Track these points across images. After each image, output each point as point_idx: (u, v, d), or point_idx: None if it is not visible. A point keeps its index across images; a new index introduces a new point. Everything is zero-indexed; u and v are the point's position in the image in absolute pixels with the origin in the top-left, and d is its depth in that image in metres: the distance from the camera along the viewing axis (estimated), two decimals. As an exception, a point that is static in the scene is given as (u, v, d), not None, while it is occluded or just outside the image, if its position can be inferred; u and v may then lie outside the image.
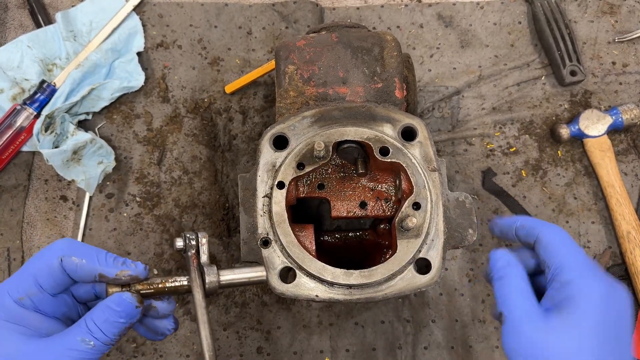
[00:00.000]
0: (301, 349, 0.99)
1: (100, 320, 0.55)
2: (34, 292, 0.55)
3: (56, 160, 0.98)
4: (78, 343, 0.53)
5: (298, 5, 1.12)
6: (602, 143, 1.05)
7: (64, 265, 0.56)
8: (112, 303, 0.56)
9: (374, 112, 0.78)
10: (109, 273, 0.57)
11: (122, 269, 0.58)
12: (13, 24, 1.12)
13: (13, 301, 0.54)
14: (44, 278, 0.55)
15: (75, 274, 0.57)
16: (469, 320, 1.01)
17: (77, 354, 0.53)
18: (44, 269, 0.56)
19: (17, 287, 0.55)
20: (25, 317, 0.54)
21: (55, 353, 0.53)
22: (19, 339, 0.53)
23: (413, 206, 0.74)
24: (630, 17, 1.14)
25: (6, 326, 0.53)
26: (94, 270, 0.57)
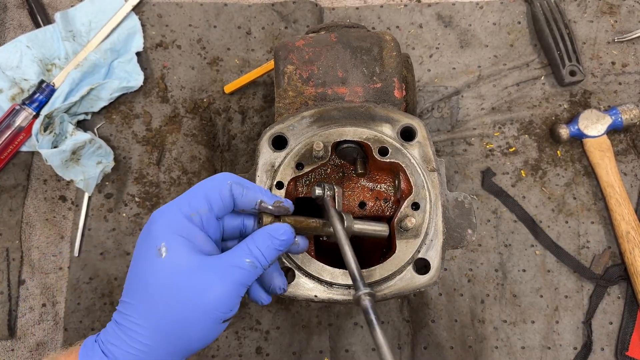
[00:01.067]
0: (300, 349, 0.99)
1: (264, 245, 0.59)
2: (204, 211, 0.58)
3: (55, 160, 0.98)
4: (243, 262, 0.57)
5: (297, 5, 1.12)
6: (601, 143, 1.05)
7: (233, 189, 0.60)
8: (275, 231, 0.60)
9: (373, 112, 0.77)
10: (268, 201, 0.61)
11: (277, 199, 0.62)
12: (12, 24, 1.12)
13: (184, 217, 0.57)
14: (215, 199, 0.59)
15: (240, 199, 0.60)
16: (468, 321, 1.00)
17: (240, 272, 0.56)
18: (215, 191, 0.59)
19: (189, 205, 0.58)
20: (193, 233, 0.57)
21: (222, 269, 0.56)
22: (187, 252, 0.55)
23: (412, 206, 0.73)
24: (630, 17, 1.14)
25: (177, 239, 0.55)
26: (255, 197, 0.61)
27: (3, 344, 0.98)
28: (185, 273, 0.55)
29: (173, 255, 0.55)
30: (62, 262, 1.02)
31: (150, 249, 0.55)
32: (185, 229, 0.57)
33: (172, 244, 0.55)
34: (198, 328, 0.55)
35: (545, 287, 1.02)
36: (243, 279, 0.56)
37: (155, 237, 0.56)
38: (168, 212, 0.58)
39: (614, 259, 1.03)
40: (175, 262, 0.55)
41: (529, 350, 0.99)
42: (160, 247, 0.55)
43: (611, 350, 1.00)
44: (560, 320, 1.01)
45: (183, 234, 0.56)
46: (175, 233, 0.56)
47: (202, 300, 0.54)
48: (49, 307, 1.00)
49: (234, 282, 0.56)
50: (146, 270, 0.55)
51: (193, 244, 0.56)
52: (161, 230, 0.56)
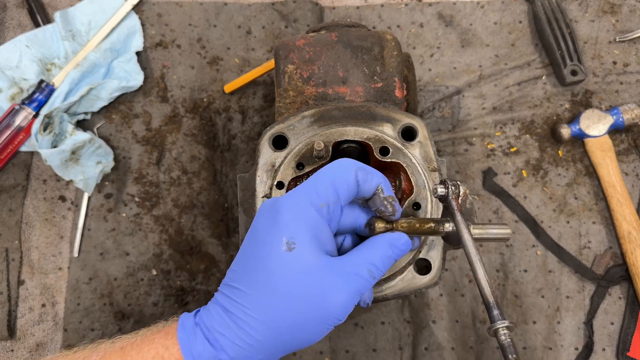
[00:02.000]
0: (300, 350, 0.98)
1: (384, 255, 0.56)
2: (332, 201, 0.55)
3: (55, 160, 0.98)
4: (364, 271, 0.54)
5: (298, 4, 1.11)
6: (603, 143, 1.05)
7: (358, 175, 0.56)
8: (396, 241, 0.57)
9: (373, 112, 0.77)
10: (386, 190, 0.58)
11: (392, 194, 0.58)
12: (12, 24, 1.11)
13: (314, 208, 0.54)
14: (342, 187, 0.55)
15: (364, 185, 0.56)
16: (469, 321, 1.00)
17: (361, 281, 0.54)
18: (342, 178, 0.55)
19: (318, 194, 0.54)
20: (320, 228, 0.54)
21: (345, 274, 0.53)
22: (315, 250, 0.53)
23: (413, 206, 0.73)
24: (631, 16, 1.14)
25: (306, 233, 0.53)
26: (378, 182, 0.57)
27: (3, 345, 0.98)
28: (311, 274, 0.52)
29: (302, 252, 0.52)
30: (62, 263, 1.01)
31: (277, 240, 0.52)
32: (314, 223, 0.53)
33: (302, 239, 0.52)
34: (312, 330, 0.53)
35: (546, 288, 1.02)
36: (362, 288, 0.54)
37: (284, 228, 0.53)
38: (298, 201, 0.54)
39: (615, 260, 1.03)
40: (303, 260, 0.52)
41: (530, 350, 0.99)
42: (289, 239, 0.52)
43: (612, 350, 0.99)
44: (562, 320, 1.00)
45: (312, 228, 0.53)
46: (305, 227, 0.53)
47: (325, 304, 0.52)
48: (48, 308, 1.00)
49: (355, 290, 0.53)
50: (271, 262, 0.52)
51: (320, 242, 0.54)
52: (291, 221, 0.53)
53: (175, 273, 1.01)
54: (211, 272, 1.01)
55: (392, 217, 0.58)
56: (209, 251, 1.02)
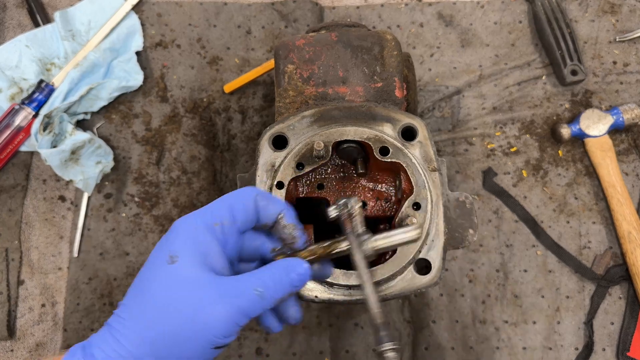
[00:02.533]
0: (300, 350, 0.98)
1: (278, 278, 0.55)
2: (227, 222, 0.56)
3: (54, 160, 0.98)
4: (251, 291, 0.53)
5: (297, 4, 1.11)
6: (603, 143, 1.05)
7: (257, 201, 0.57)
8: (292, 267, 0.56)
9: (373, 112, 0.77)
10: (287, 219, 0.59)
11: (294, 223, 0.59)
12: (11, 24, 1.11)
13: (205, 226, 0.54)
14: (238, 210, 0.56)
15: (264, 211, 0.58)
16: (469, 321, 1.00)
17: (246, 300, 0.53)
18: (240, 202, 0.57)
19: (212, 214, 0.56)
20: (210, 246, 0.54)
21: (226, 291, 0.52)
22: (197, 266, 0.53)
23: (413, 206, 0.73)
24: (631, 16, 1.14)
25: (191, 250, 0.53)
26: (279, 209, 0.58)
27: (2, 345, 0.98)
28: (187, 286, 0.52)
29: (182, 265, 0.52)
30: (62, 263, 1.01)
31: (162, 254, 0.53)
32: (203, 241, 0.54)
33: (185, 254, 0.53)
34: (187, 347, 0.51)
35: (546, 288, 1.02)
36: (246, 307, 0.53)
37: (170, 244, 0.54)
38: (190, 220, 0.55)
39: (615, 260, 1.03)
40: (182, 273, 0.52)
41: (531, 350, 0.99)
42: (172, 254, 0.53)
43: (612, 350, 0.99)
44: (562, 320, 1.00)
45: (199, 245, 0.54)
46: (190, 243, 0.53)
47: (198, 317, 0.51)
48: (48, 308, 1.00)
49: (236, 307, 0.52)
50: (151, 275, 0.53)
51: (206, 259, 0.54)
52: (177, 238, 0.54)
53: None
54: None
55: (295, 245, 0.59)
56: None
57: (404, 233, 0.61)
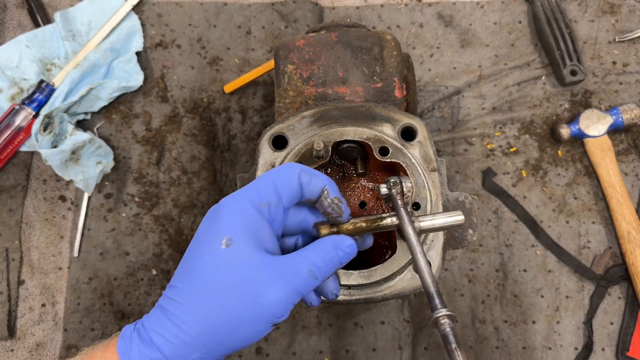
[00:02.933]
0: (300, 350, 0.98)
1: (327, 257, 0.56)
2: (274, 201, 0.55)
3: (55, 160, 0.98)
4: (304, 271, 0.54)
5: (297, 4, 1.11)
6: (602, 143, 1.05)
7: (301, 177, 0.57)
8: (339, 243, 0.57)
9: (373, 112, 0.77)
10: (331, 192, 0.58)
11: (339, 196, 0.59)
12: (12, 24, 1.11)
13: (254, 207, 0.54)
14: (284, 188, 0.56)
15: (307, 187, 0.57)
16: (469, 321, 1.00)
17: (300, 280, 0.53)
18: (284, 180, 0.56)
19: (259, 194, 0.55)
20: (260, 227, 0.54)
21: (283, 273, 0.53)
22: (252, 247, 0.53)
23: (413, 206, 0.73)
24: (631, 16, 1.14)
25: (244, 232, 0.53)
26: (322, 184, 0.58)
27: (3, 344, 0.98)
28: (247, 269, 0.52)
29: (238, 248, 0.52)
30: (62, 262, 1.02)
31: (215, 238, 0.53)
32: (254, 222, 0.54)
33: (239, 236, 0.52)
34: (248, 328, 0.53)
35: (546, 288, 1.02)
36: (301, 288, 0.54)
37: (221, 227, 0.53)
38: (237, 201, 0.55)
39: (614, 259, 1.03)
40: (239, 256, 0.52)
41: (530, 350, 0.99)
42: (225, 237, 0.52)
43: (612, 350, 1.00)
44: (561, 320, 1.00)
45: (251, 226, 0.53)
46: (242, 225, 0.53)
47: (260, 300, 0.52)
48: (48, 308, 1.00)
49: (292, 288, 0.53)
50: (206, 259, 0.52)
51: (259, 240, 0.54)
52: (228, 220, 0.53)
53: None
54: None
55: (340, 218, 0.60)
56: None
57: (448, 216, 0.62)
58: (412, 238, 0.59)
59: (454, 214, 0.62)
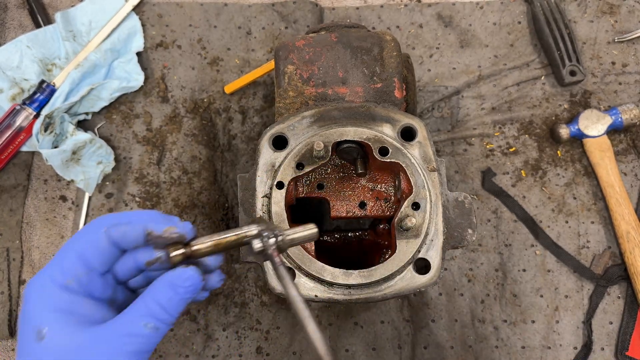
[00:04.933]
0: (300, 349, 0.99)
1: (166, 299, 0.49)
2: (81, 273, 0.49)
3: (55, 160, 0.98)
4: (141, 328, 0.47)
5: (297, 5, 1.12)
6: (601, 143, 1.05)
7: (111, 234, 0.50)
8: (177, 279, 0.49)
9: (373, 112, 0.78)
10: (156, 229, 0.50)
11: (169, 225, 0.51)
12: (12, 24, 1.12)
13: (58, 287, 0.48)
14: (91, 255, 0.49)
15: (124, 240, 0.50)
16: (469, 320, 1.00)
17: (140, 340, 0.47)
18: (89, 245, 0.50)
19: (62, 270, 0.49)
20: (75, 303, 0.49)
21: (115, 342, 0.47)
22: (71, 329, 0.47)
23: (412, 206, 0.74)
24: (630, 17, 1.14)
25: (55, 316, 0.47)
26: (142, 230, 0.50)
27: (3, 344, 0.98)
28: (71, 354, 0.46)
29: (54, 337, 0.46)
30: (63, 262, 1.02)
31: (28, 332, 0.47)
32: (63, 301, 0.48)
33: (51, 323, 0.47)
34: None
35: (545, 287, 1.02)
36: (144, 347, 0.48)
37: (31, 318, 0.47)
38: (39, 286, 0.48)
39: (614, 259, 1.03)
40: (59, 344, 0.46)
41: (529, 350, 0.99)
42: (39, 329, 0.47)
43: (611, 350, 1.00)
44: (561, 320, 1.01)
45: (61, 308, 0.47)
46: (51, 310, 0.47)
47: None
48: (49, 307, 1.00)
49: (136, 350, 0.47)
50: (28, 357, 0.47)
51: (77, 316, 0.48)
52: (36, 309, 0.48)
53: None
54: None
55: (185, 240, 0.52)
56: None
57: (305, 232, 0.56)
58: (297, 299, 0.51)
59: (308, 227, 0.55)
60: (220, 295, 1.00)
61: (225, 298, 1.00)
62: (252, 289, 1.01)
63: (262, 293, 1.01)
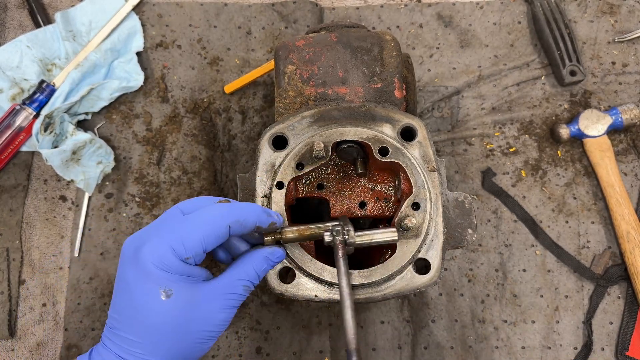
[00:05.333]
0: (300, 349, 0.99)
1: (261, 268, 0.65)
2: (199, 253, 0.60)
3: (55, 160, 0.98)
4: (240, 288, 0.63)
5: (297, 5, 1.12)
6: (601, 143, 1.05)
7: (231, 230, 0.62)
8: (271, 254, 0.66)
9: (373, 112, 0.77)
10: (263, 223, 0.65)
11: (272, 220, 0.66)
12: (12, 24, 1.12)
13: (179, 259, 0.59)
14: (211, 242, 0.61)
15: (237, 233, 0.63)
16: (469, 321, 1.00)
17: (238, 297, 0.63)
18: (213, 235, 0.60)
19: (185, 248, 0.59)
20: (191, 269, 0.60)
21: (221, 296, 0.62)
22: (190, 287, 0.60)
23: (412, 206, 0.73)
24: (630, 17, 1.14)
25: (178, 279, 0.59)
26: (253, 224, 0.63)
27: (3, 344, 0.98)
28: (191, 307, 0.60)
29: (178, 295, 0.59)
30: (63, 262, 1.02)
31: (152, 289, 0.58)
32: (182, 269, 0.59)
33: (175, 285, 0.59)
34: (201, 348, 0.62)
35: (545, 287, 1.02)
36: (238, 303, 0.64)
37: (155, 279, 0.58)
38: (161, 253, 0.59)
39: (614, 259, 1.03)
40: (181, 300, 0.59)
41: (529, 350, 0.99)
42: (166, 289, 0.58)
43: (611, 350, 1.00)
44: (561, 320, 1.01)
45: (183, 273, 0.59)
46: (175, 274, 0.59)
47: (209, 327, 0.61)
48: (49, 307, 1.00)
49: (232, 305, 0.63)
50: (152, 311, 0.58)
51: (192, 279, 0.61)
52: (158, 273, 0.58)
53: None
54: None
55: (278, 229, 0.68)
56: (209, 251, 1.02)
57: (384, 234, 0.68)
58: (345, 289, 0.63)
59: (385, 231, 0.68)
60: (220, 295, 1.00)
61: (225, 298, 1.00)
62: (252, 289, 1.01)
63: (262, 293, 1.01)
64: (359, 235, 0.67)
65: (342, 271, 0.65)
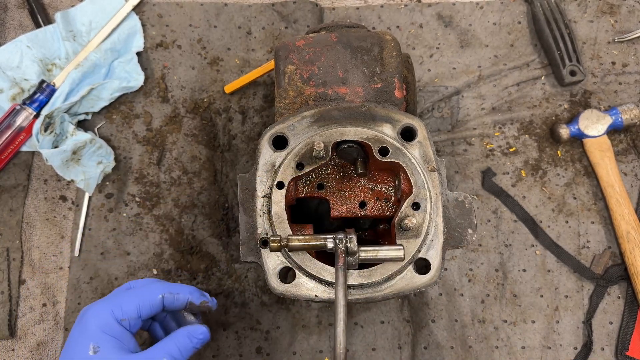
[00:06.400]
0: (300, 349, 0.99)
1: (183, 346, 0.71)
2: (134, 317, 0.70)
3: (55, 160, 0.98)
4: None
5: (297, 5, 1.12)
6: (601, 143, 1.05)
7: (164, 301, 0.72)
8: (194, 331, 0.73)
9: (373, 112, 0.78)
10: (195, 301, 0.75)
11: (203, 299, 0.77)
12: (12, 24, 1.12)
13: (115, 320, 0.69)
14: (146, 310, 0.71)
15: (171, 306, 0.73)
16: (469, 320, 1.01)
17: None
18: (147, 304, 0.71)
19: (122, 310, 0.70)
20: (122, 334, 0.69)
21: None
22: (117, 351, 0.67)
23: (412, 206, 0.74)
24: (630, 17, 1.14)
25: (108, 339, 0.67)
26: (185, 299, 0.74)
27: (3, 344, 0.98)
28: None
29: (104, 354, 0.66)
30: (63, 262, 1.02)
31: (84, 346, 0.67)
32: (116, 331, 0.68)
33: (104, 343, 0.67)
34: None
35: (545, 287, 1.02)
36: None
37: (89, 336, 0.67)
38: (101, 314, 0.69)
39: (614, 259, 1.03)
40: (106, 358, 0.66)
41: (529, 350, 1.00)
42: (94, 345, 0.67)
43: (611, 350, 1.00)
44: (561, 320, 1.01)
45: (113, 334, 0.68)
46: (106, 333, 0.67)
47: None
48: (49, 307, 1.00)
49: None
50: None
51: (121, 344, 0.68)
52: (94, 330, 0.68)
53: (176, 273, 1.01)
54: (211, 271, 1.02)
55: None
56: (210, 251, 1.02)
57: (390, 252, 0.68)
58: (340, 301, 0.62)
59: (394, 248, 0.69)
60: (221, 296, 1.00)
61: (225, 298, 1.00)
62: (252, 289, 1.01)
63: (262, 293, 1.01)
64: (364, 250, 0.68)
65: (340, 282, 0.64)
